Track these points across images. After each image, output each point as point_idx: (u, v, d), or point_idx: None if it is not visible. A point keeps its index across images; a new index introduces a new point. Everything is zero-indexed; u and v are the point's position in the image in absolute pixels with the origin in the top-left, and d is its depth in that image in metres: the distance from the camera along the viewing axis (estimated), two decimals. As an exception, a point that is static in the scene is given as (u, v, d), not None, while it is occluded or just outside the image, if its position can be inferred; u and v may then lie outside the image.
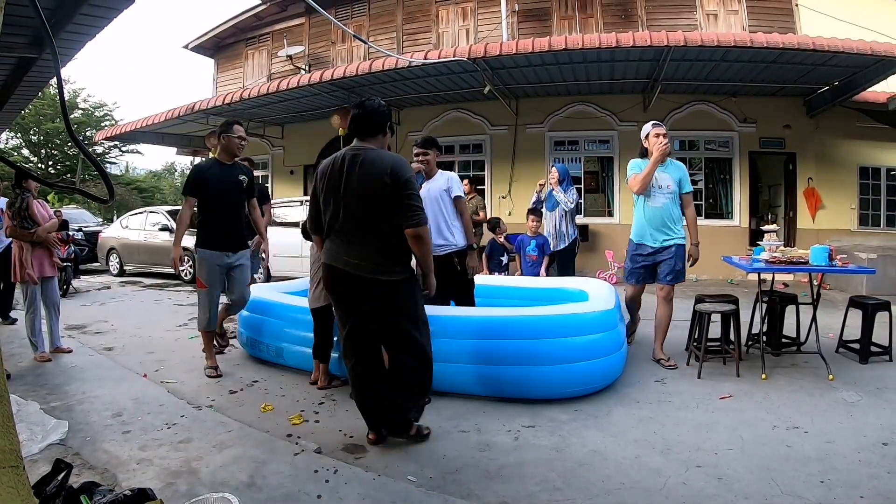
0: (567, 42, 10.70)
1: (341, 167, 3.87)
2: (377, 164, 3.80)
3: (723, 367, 5.89)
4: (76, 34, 6.68)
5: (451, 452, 3.95)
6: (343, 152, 3.97)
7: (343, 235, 3.89)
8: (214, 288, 5.91)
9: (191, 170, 6.19)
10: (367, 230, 3.84)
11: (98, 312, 9.67)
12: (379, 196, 3.78)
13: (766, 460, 3.75)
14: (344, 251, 3.87)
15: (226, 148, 6.03)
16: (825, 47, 9.65)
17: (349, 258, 3.84)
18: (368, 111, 4.00)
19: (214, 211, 5.94)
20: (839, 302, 8.55)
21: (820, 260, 5.60)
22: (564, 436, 4.23)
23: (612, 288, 6.38)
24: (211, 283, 5.89)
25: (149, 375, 5.86)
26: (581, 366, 4.89)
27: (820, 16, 12.81)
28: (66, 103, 2.24)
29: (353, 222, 3.86)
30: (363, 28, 17.25)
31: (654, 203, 6.09)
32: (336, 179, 3.88)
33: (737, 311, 5.89)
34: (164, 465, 3.70)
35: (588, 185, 14.99)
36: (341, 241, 3.89)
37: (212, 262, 5.87)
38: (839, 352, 6.30)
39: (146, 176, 47.70)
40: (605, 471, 3.66)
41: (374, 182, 3.78)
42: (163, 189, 45.97)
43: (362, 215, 3.83)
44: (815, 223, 13.37)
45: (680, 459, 3.79)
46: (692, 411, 4.65)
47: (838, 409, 4.69)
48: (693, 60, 11.25)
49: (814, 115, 13.19)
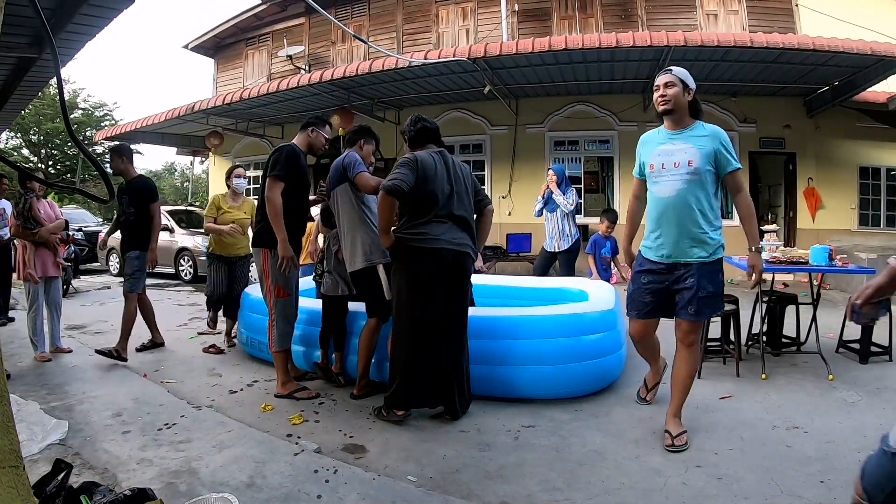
0: (567, 42, 10.71)
1: (445, 164, 4.59)
2: (459, 163, 4.75)
3: (723, 366, 5.90)
4: (76, 34, 6.68)
5: (451, 452, 3.95)
6: (433, 153, 4.61)
7: (455, 221, 4.53)
8: (295, 295, 5.35)
9: (285, 149, 5.18)
10: (470, 215, 4.68)
11: (98, 312, 9.69)
12: (473, 187, 4.77)
13: (766, 460, 3.75)
14: (458, 234, 4.55)
15: (311, 143, 5.45)
16: (825, 47, 9.66)
17: (462, 240, 4.56)
18: (435, 126, 4.84)
19: (301, 203, 5.39)
20: (839, 302, 8.56)
21: (820, 260, 5.61)
22: (565, 436, 4.23)
23: (612, 288, 6.38)
24: (295, 288, 5.32)
25: (149, 375, 5.86)
26: (581, 366, 4.90)
27: (820, 16, 12.82)
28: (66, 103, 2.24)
29: (464, 210, 4.60)
30: (363, 28, 17.26)
31: (660, 191, 4.09)
32: (449, 174, 4.56)
33: (737, 311, 5.89)
34: (164, 465, 3.70)
35: (588, 186, 15.01)
36: (451, 225, 4.52)
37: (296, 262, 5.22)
38: (839, 352, 6.31)
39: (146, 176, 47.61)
40: (605, 470, 3.67)
41: (468, 177, 4.76)
42: (163, 189, 45.88)
43: (469, 203, 4.69)
44: (815, 223, 13.38)
45: (680, 459, 3.79)
46: (692, 411, 4.63)
47: (838, 409, 4.69)
48: (693, 60, 11.23)
49: (814, 115, 13.19)
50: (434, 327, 4.42)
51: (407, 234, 4.46)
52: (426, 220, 4.44)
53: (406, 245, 4.45)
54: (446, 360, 4.46)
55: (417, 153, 4.55)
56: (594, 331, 5.08)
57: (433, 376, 4.47)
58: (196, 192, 40.15)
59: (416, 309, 4.43)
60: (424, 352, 4.43)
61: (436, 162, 4.52)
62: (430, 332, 4.42)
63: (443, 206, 4.47)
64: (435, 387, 4.50)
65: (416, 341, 4.43)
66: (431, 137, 4.76)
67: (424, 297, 4.41)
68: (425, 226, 4.43)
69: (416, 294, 4.43)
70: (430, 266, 4.41)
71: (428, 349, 4.43)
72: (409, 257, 4.46)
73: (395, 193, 4.33)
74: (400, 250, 4.49)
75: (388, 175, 4.42)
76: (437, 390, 4.51)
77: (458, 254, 4.50)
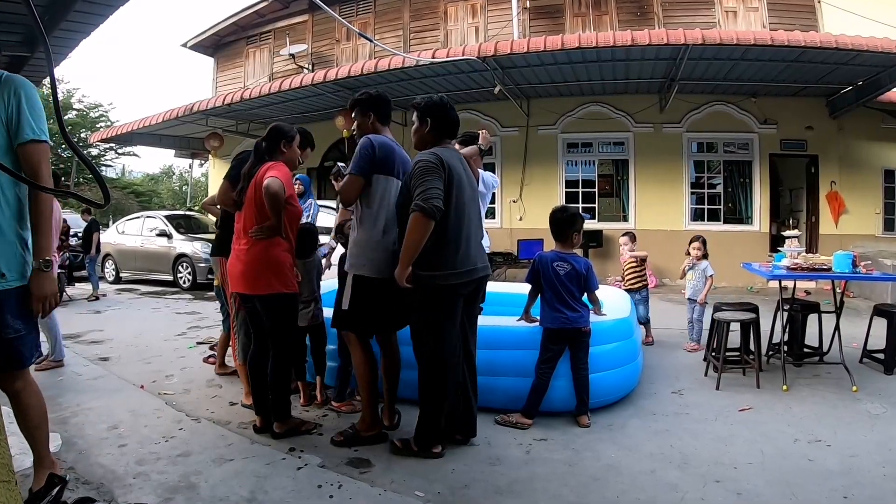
0: (580, 40, 10.73)
1: (460, 163, 4.06)
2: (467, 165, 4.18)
3: (742, 377, 5.89)
4: (70, 32, 6.73)
5: (460, 466, 3.95)
6: (447, 151, 4.05)
7: (471, 233, 4.07)
8: None
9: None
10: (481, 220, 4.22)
11: (93, 321, 9.71)
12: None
13: (787, 475, 3.74)
14: (475, 252, 4.11)
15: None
16: (849, 45, 9.64)
17: (480, 258, 4.16)
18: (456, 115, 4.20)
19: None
20: (863, 310, 8.52)
21: (843, 267, 5.59)
22: (578, 449, 4.23)
23: (626, 295, 6.37)
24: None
25: (146, 386, 5.87)
26: (595, 376, 4.85)
27: (843, 13, 12.76)
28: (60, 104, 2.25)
29: (478, 219, 4.18)
30: (369, 26, 17.31)
31: None
32: (465, 180, 4.07)
33: (757, 320, 5.89)
34: (162, 479, 3.71)
35: (602, 189, 14.99)
36: (469, 243, 4.06)
37: None
38: (863, 362, 6.30)
39: (143, 179, 47.68)
40: (619, 486, 3.67)
41: (475, 182, 4.21)
42: (160, 193, 45.94)
43: (479, 212, 4.20)
44: (838, 228, 13.34)
45: (698, 474, 3.79)
46: (710, 424, 4.65)
47: (862, 422, 4.68)
48: (711, 59, 11.24)
49: (837, 116, 13.16)
50: (460, 355, 4.17)
51: (434, 273, 3.92)
52: (453, 243, 3.96)
53: (434, 285, 3.95)
54: (470, 382, 4.31)
55: (441, 152, 3.96)
56: (608, 340, 5.07)
57: (463, 402, 4.25)
58: (195, 196, 40.19)
59: (451, 345, 4.02)
60: (455, 380, 4.13)
61: (462, 165, 4.11)
62: (459, 360, 4.15)
63: (467, 221, 4.04)
64: (465, 411, 4.29)
65: (452, 374, 4.06)
66: (453, 132, 4.26)
67: (454, 331, 4.05)
68: (453, 253, 3.96)
69: (448, 331, 4.01)
70: (458, 300, 4.05)
71: (458, 376, 4.16)
72: (439, 297, 3.98)
73: (435, 216, 3.79)
74: (425, 287, 3.95)
75: (416, 188, 3.83)
76: (466, 414, 4.30)
77: (483, 277, 4.23)
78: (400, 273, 3.87)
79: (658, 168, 14.12)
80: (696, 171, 14.33)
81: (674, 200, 14.05)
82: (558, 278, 4.74)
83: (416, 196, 3.76)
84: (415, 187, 3.82)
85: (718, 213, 14.06)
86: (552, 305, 4.74)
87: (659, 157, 14.09)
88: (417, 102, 4.20)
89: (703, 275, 6.95)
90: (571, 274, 4.76)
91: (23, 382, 3.03)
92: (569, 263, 4.78)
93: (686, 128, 14.00)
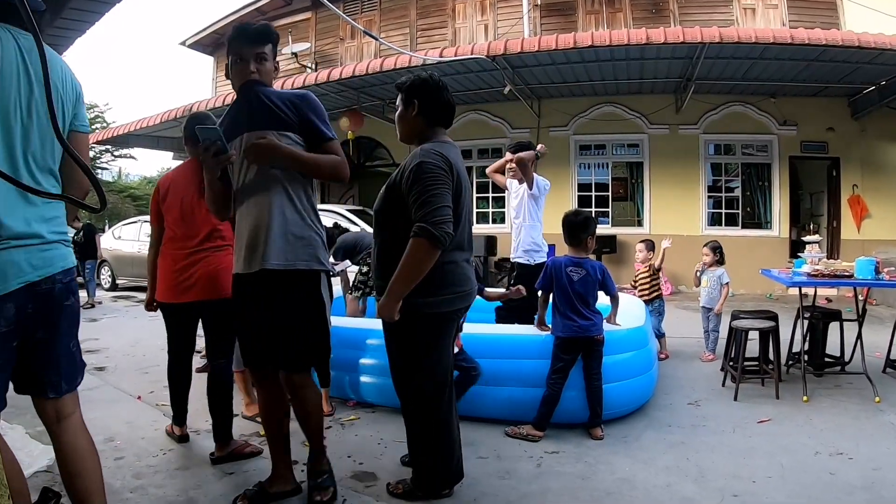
0: (593, 38, 10.72)
1: (462, 162, 3.58)
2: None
3: (761, 388, 5.88)
4: (65, 30, 6.73)
5: (469, 480, 3.93)
6: (452, 149, 3.53)
7: (469, 246, 3.62)
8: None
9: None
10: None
11: (89, 329, 9.71)
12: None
13: (807, 489, 3.73)
14: (471, 270, 3.65)
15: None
16: (871, 44, 9.61)
17: (475, 277, 3.68)
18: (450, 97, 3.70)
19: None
20: (886, 318, 8.50)
21: (866, 273, 5.58)
22: (591, 462, 4.23)
23: (641, 303, 6.37)
24: None
25: (143, 397, 5.91)
26: (608, 387, 4.83)
27: (866, 10, 12.73)
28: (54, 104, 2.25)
29: (470, 229, 3.66)
30: (374, 23, 17.35)
31: None
32: (468, 182, 3.60)
33: (776, 328, 5.86)
34: (160, 493, 3.73)
35: (616, 193, 15.01)
36: (469, 255, 3.64)
37: None
38: (886, 372, 6.28)
39: (140, 182, 47.74)
40: (634, 500, 3.67)
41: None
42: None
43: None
44: (860, 233, 13.29)
45: (715, 488, 3.78)
46: (728, 436, 4.64)
47: (886, 434, 4.67)
48: (729, 58, 11.25)
49: (859, 117, 13.14)
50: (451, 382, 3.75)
51: (438, 298, 3.40)
52: (459, 261, 3.53)
53: (426, 314, 3.42)
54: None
55: (447, 152, 3.40)
56: (622, 349, 5.06)
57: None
58: (193, 200, 40.27)
59: (443, 375, 3.59)
60: (452, 411, 3.72)
61: (459, 166, 3.50)
62: (451, 388, 3.71)
63: (469, 233, 3.62)
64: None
65: (447, 405, 3.62)
66: (447, 118, 3.70)
67: (448, 358, 3.66)
68: (459, 271, 3.50)
69: (442, 360, 3.58)
70: (453, 326, 3.70)
71: (452, 408, 3.75)
72: (431, 325, 3.48)
73: (445, 245, 3.21)
74: (415, 314, 3.38)
75: (418, 199, 3.24)
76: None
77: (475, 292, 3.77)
78: (389, 306, 3.28)
79: (674, 171, 14.11)
80: (713, 173, 14.33)
81: (690, 204, 14.03)
82: (571, 284, 4.74)
83: (421, 216, 3.17)
84: (416, 198, 3.23)
85: (736, 218, 14.04)
86: (564, 313, 4.74)
87: (675, 160, 14.08)
88: (402, 81, 3.71)
89: (719, 282, 6.92)
90: (586, 280, 4.76)
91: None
92: (583, 269, 4.78)
93: (703, 129, 13.99)
